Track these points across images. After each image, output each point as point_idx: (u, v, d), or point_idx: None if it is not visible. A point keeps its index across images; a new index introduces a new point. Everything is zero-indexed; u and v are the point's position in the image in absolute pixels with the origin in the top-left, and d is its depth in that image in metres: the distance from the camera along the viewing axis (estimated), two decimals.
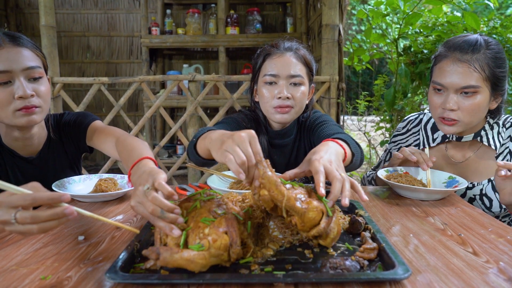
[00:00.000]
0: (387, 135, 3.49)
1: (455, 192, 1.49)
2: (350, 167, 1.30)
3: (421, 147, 1.69)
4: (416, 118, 1.77)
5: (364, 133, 3.87)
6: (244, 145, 0.90)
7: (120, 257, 0.87)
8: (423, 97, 3.33)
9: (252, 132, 0.93)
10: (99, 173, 3.41)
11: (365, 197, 0.96)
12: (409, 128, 1.77)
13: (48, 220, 0.81)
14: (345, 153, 1.17)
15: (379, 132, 3.78)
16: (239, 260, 0.89)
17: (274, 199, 0.90)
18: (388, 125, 3.45)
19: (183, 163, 3.77)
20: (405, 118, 1.81)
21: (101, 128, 1.58)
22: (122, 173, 3.48)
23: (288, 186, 0.95)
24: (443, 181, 1.52)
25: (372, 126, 3.83)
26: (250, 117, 1.71)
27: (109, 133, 1.52)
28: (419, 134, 1.73)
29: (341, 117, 3.69)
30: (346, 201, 0.91)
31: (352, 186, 0.98)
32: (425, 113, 1.76)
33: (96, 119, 1.66)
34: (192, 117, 3.48)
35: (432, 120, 1.70)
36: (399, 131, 1.81)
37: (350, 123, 5.30)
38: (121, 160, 1.38)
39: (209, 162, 1.35)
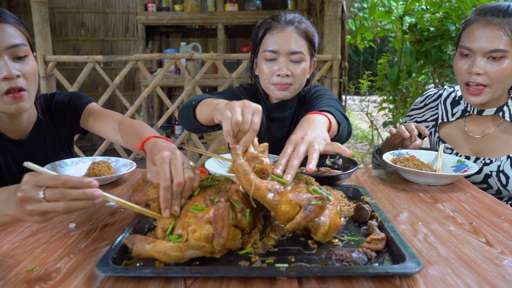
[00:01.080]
0: (390, 116, 3.43)
1: (464, 177, 1.44)
2: (337, 138, 1.27)
3: (439, 121, 1.69)
4: (435, 93, 1.76)
5: (367, 114, 3.82)
6: (248, 110, 0.92)
7: (113, 247, 0.83)
8: (428, 76, 3.25)
9: (260, 107, 0.94)
10: (95, 155, 3.38)
11: (349, 151, 0.94)
12: (426, 103, 1.77)
13: (76, 200, 0.79)
14: (330, 122, 1.13)
15: (382, 112, 3.72)
16: (238, 250, 0.85)
17: (244, 189, 0.86)
18: (391, 106, 3.39)
19: (181, 144, 3.72)
20: (424, 93, 1.81)
21: (99, 111, 1.52)
22: (118, 155, 3.45)
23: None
24: (451, 165, 1.47)
25: (374, 107, 3.77)
26: (249, 91, 1.68)
27: (110, 116, 1.47)
28: (437, 109, 1.72)
29: (343, 97, 3.63)
30: (310, 167, 0.88)
31: (332, 147, 0.96)
32: (445, 88, 1.75)
33: (92, 100, 1.59)
34: (190, 96, 3.42)
35: (452, 95, 1.69)
36: (417, 105, 1.81)
37: (352, 103, 5.24)
38: (126, 141, 1.34)
39: (204, 128, 1.33)
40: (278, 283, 0.75)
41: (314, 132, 1.00)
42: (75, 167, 1.47)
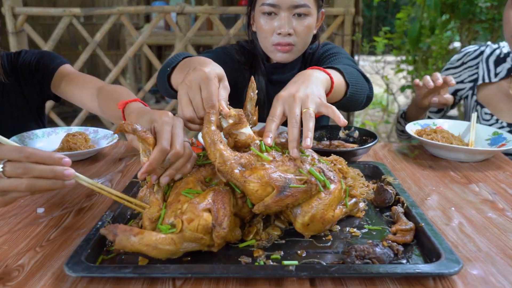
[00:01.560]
0: (409, 79, 3.34)
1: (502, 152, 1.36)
2: (347, 103, 1.17)
3: (479, 82, 1.62)
4: (475, 50, 1.69)
5: (382, 77, 3.71)
6: (205, 85, 0.85)
7: (88, 238, 0.76)
8: (454, 33, 3.13)
9: (215, 72, 0.88)
10: (75, 123, 3.29)
11: (343, 120, 0.84)
12: (464, 61, 1.70)
13: (42, 178, 0.74)
14: (331, 82, 1.03)
15: (400, 75, 3.61)
16: (238, 243, 0.80)
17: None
18: (410, 67, 3.29)
19: (172, 110, 3.63)
20: (462, 49, 1.74)
21: (74, 74, 1.42)
22: (101, 124, 3.36)
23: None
24: (485, 137, 1.39)
25: (391, 69, 3.67)
26: (246, 50, 1.59)
27: (87, 81, 1.38)
28: (477, 68, 1.66)
29: (355, 58, 3.51)
30: (306, 142, 0.80)
31: (326, 109, 0.87)
32: (488, 45, 1.68)
33: (65, 62, 1.49)
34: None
35: (496, 52, 1.62)
36: (453, 64, 1.74)
37: (365, 64, 5.10)
38: (104, 109, 1.25)
39: None
40: (286, 284, 0.69)
41: (307, 88, 0.90)
42: (47, 139, 1.40)
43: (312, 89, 0.90)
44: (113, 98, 1.19)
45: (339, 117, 0.84)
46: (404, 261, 0.74)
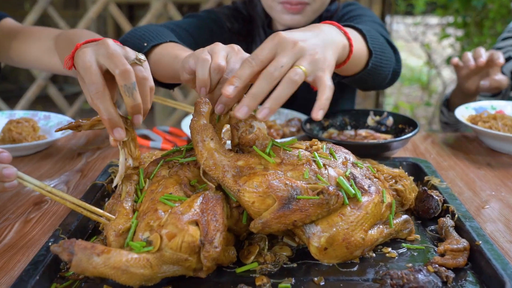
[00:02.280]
0: (457, 48, 3.33)
1: None
2: (366, 77, 1.15)
3: None
4: None
5: (422, 45, 3.71)
6: (237, 57, 0.89)
7: (35, 261, 0.76)
8: None
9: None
10: (20, 106, 3.28)
11: (319, 115, 0.78)
12: None
13: None
14: (350, 44, 0.98)
15: (445, 42, 3.60)
16: (235, 267, 0.79)
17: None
18: (459, 32, 3.28)
19: None
20: None
21: (20, 28, 1.41)
22: (54, 107, 3.35)
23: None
24: None
25: (434, 34, 3.66)
26: (240, 14, 1.59)
27: (39, 33, 1.35)
28: None
29: (387, 19, 3.51)
30: (317, 115, 0.77)
31: (321, 85, 0.80)
32: None
33: (5, 15, 1.47)
34: (160, 18, 3.30)
35: None
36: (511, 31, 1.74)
37: (400, 28, 5.07)
38: (62, 58, 1.23)
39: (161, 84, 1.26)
40: None
41: (317, 45, 0.84)
42: None
43: (323, 50, 0.85)
44: (71, 44, 1.17)
45: (318, 108, 0.78)
46: None
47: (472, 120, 1.39)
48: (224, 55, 0.88)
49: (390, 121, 1.36)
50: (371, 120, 1.38)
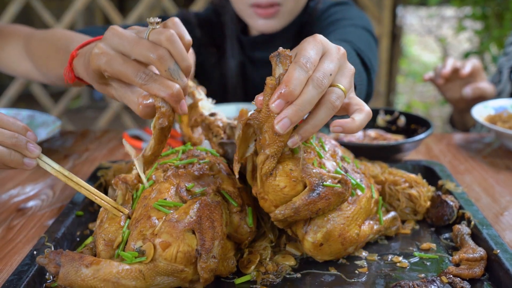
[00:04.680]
0: (476, 42, 3.33)
1: None
2: None
3: None
4: None
5: (437, 39, 3.71)
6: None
7: (18, 272, 0.76)
8: None
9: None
10: (3, 104, 3.28)
11: (336, 130, 0.74)
12: None
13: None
14: None
15: (462, 36, 3.60)
16: (234, 277, 0.80)
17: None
18: (478, 25, 3.28)
19: None
20: None
21: None
22: (36, 105, 3.35)
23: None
24: None
25: (451, 27, 3.66)
26: (210, 21, 1.59)
27: (8, 33, 1.35)
28: None
29: (399, 11, 3.50)
30: (334, 130, 0.74)
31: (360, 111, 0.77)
32: None
33: None
34: (153, 10, 3.30)
35: None
36: None
37: (413, 21, 5.07)
38: (43, 67, 1.22)
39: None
40: None
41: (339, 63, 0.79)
42: None
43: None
44: (52, 47, 1.16)
45: (344, 127, 0.74)
46: None
47: (490, 120, 1.39)
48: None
49: (402, 120, 1.37)
50: (381, 119, 1.39)
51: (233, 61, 1.56)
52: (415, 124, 1.34)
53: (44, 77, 1.26)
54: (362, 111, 0.76)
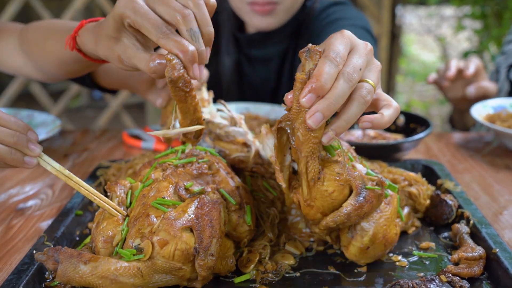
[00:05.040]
0: (475, 41, 3.33)
1: None
2: None
3: None
4: None
5: (436, 38, 3.71)
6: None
7: (18, 270, 0.76)
8: None
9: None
10: (2, 103, 3.28)
11: (365, 125, 0.74)
12: None
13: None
14: None
15: (462, 35, 3.60)
16: (233, 276, 0.80)
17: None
18: (477, 25, 3.28)
19: None
20: None
21: None
22: (36, 105, 3.35)
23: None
24: None
25: (450, 26, 3.66)
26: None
27: (1, 30, 1.35)
28: None
29: (398, 10, 3.50)
30: (363, 126, 0.73)
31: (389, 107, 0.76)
32: None
33: None
34: None
35: None
36: None
37: (412, 20, 5.07)
38: (40, 55, 1.19)
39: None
40: None
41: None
42: None
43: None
44: (55, 28, 1.15)
45: (373, 122, 0.74)
46: None
47: (489, 119, 1.39)
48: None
49: (401, 120, 1.36)
50: None
51: (228, 59, 1.56)
52: (414, 123, 1.34)
53: (38, 69, 1.24)
54: (390, 107, 0.75)
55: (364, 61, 0.73)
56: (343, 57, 0.71)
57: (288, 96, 0.72)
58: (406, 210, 0.93)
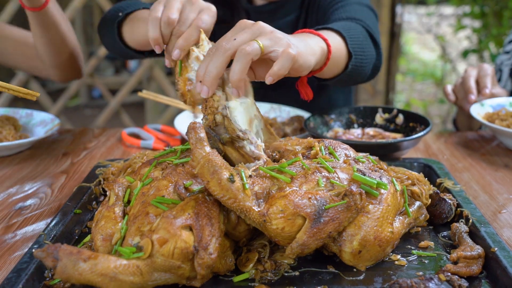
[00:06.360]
0: (474, 40, 3.33)
1: None
2: (346, 78, 1.17)
3: None
4: None
5: (436, 37, 3.71)
6: (192, 7, 0.99)
7: (17, 269, 0.76)
8: None
9: (212, 6, 1.01)
10: (1, 100, 3.28)
11: (268, 80, 0.86)
12: None
13: None
14: (329, 50, 1.03)
15: (461, 34, 3.60)
16: (232, 275, 0.80)
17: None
18: (477, 24, 3.28)
19: (138, 84, 3.62)
20: None
21: None
22: (36, 106, 3.35)
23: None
24: None
25: (449, 25, 3.66)
26: None
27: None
28: None
29: (398, 10, 3.50)
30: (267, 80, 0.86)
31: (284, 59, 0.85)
32: None
33: None
34: None
35: None
36: None
37: (411, 19, 5.07)
38: (51, 49, 1.31)
39: (134, 55, 1.32)
40: None
41: (291, 37, 0.92)
42: None
43: (295, 41, 0.90)
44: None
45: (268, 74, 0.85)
46: None
47: (489, 118, 1.39)
48: (178, 7, 0.98)
49: (400, 119, 1.36)
50: (379, 118, 1.38)
51: None
52: (413, 122, 1.33)
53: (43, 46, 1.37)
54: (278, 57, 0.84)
55: (247, 34, 0.86)
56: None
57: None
58: (416, 204, 0.91)
